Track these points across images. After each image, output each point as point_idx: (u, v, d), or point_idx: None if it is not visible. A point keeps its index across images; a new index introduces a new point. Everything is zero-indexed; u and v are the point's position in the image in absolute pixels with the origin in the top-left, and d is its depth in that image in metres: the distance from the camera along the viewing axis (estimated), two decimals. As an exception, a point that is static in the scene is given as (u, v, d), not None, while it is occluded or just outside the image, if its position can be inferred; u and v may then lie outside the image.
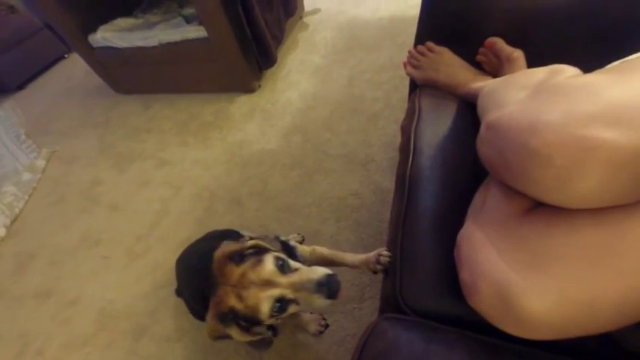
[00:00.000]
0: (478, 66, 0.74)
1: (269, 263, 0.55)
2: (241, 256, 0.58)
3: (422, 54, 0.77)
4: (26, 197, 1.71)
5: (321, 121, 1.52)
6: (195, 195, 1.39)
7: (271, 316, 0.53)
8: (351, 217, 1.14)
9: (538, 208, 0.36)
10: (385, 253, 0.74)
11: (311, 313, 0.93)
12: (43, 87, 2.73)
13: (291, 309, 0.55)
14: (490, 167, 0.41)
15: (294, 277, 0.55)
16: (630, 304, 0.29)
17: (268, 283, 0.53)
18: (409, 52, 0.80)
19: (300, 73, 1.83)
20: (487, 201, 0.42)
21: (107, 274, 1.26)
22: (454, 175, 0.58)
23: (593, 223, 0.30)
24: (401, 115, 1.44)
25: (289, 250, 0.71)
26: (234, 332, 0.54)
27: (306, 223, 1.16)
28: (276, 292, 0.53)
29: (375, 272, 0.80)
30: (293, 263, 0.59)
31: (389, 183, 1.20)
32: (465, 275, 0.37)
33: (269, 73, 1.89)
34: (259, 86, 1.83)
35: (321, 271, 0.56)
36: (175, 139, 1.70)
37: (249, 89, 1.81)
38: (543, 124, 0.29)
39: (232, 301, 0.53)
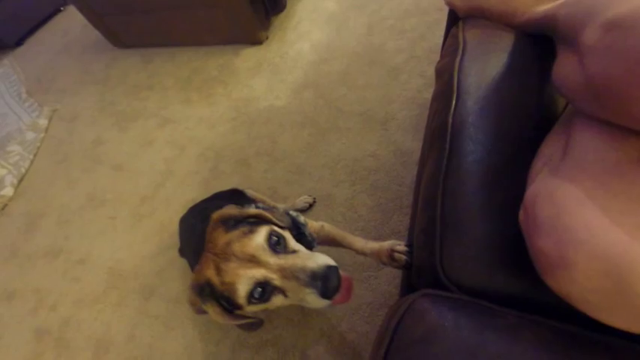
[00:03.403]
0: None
1: (259, 236, 0.45)
2: (235, 223, 0.49)
3: (469, -28, 0.61)
4: (31, 157, 1.67)
5: (335, 75, 1.37)
6: (200, 155, 1.31)
7: (249, 302, 0.43)
8: (367, 180, 1.04)
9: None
10: (401, 248, 0.61)
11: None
12: (41, 43, 2.58)
13: (276, 300, 0.45)
14: (597, 92, 0.28)
15: (286, 260, 0.44)
16: None
17: (253, 260, 0.43)
18: (452, -28, 0.63)
19: (313, 22, 1.63)
20: (576, 146, 0.30)
21: (114, 234, 1.23)
22: (511, 122, 0.46)
23: None
24: (427, 67, 1.26)
25: (298, 229, 0.61)
26: (211, 311, 0.46)
27: (318, 186, 1.07)
28: (259, 272, 0.42)
29: (385, 264, 0.69)
30: (294, 244, 0.49)
31: (411, 143, 1.08)
32: (546, 244, 0.27)
33: (277, 22, 1.69)
34: (267, 37, 1.65)
35: (321, 260, 0.44)
36: (178, 96, 1.58)
37: (255, 40, 1.64)
38: None
39: (210, 273, 0.44)
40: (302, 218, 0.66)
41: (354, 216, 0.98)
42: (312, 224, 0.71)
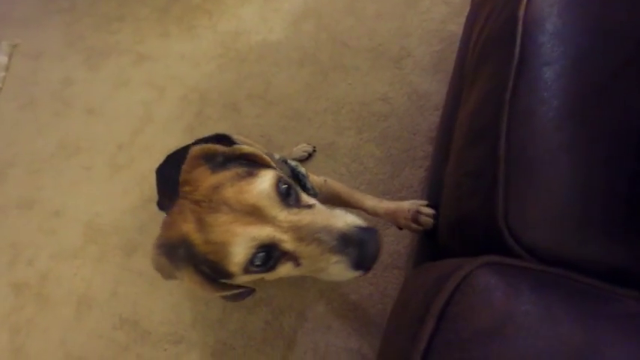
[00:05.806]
0: None
1: (264, 181, 0.32)
2: (225, 160, 0.36)
3: None
4: (-6, 99, 1.48)
5: (341, 2, 1.14)
6: (183, 97, 1.14)
7: (246, 270, 0.32)
8: (377, 127, 0.90)
9: None
10: (427, 210, 0.51)
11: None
12: (-5, -35, 2.20)
13: (282, 269, 0.33)
14: None
15: (301, 217, 0.32)
16: None
17: (254, 214, 0.31)
18: None
19: (315, -64, 1.34)
20: None
21: (90, 185, 1.11)
22: (619, 14, 0.30)
23: None
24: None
25: (299, 181, 0.51)
26: (188, 278, 0.34)
27: (319, 134, 0.93)
28: (263, 231, 0.31)
29: (400, 228, 0.57)
30: (307, 196, 0.37)
31: (429, 85, 0.92)
32: None
33: None
34: (259, -44, 1.37)
35: (350, 219, 0.33)
36: (155, 29, 1.35)
37: (245, -41, 1.35)
38: None
39: (188, 228, 0.32)
40: (302, 169, 0.55)
41: (360, 168, 0.86)
42: (313, 178, 0.59)
